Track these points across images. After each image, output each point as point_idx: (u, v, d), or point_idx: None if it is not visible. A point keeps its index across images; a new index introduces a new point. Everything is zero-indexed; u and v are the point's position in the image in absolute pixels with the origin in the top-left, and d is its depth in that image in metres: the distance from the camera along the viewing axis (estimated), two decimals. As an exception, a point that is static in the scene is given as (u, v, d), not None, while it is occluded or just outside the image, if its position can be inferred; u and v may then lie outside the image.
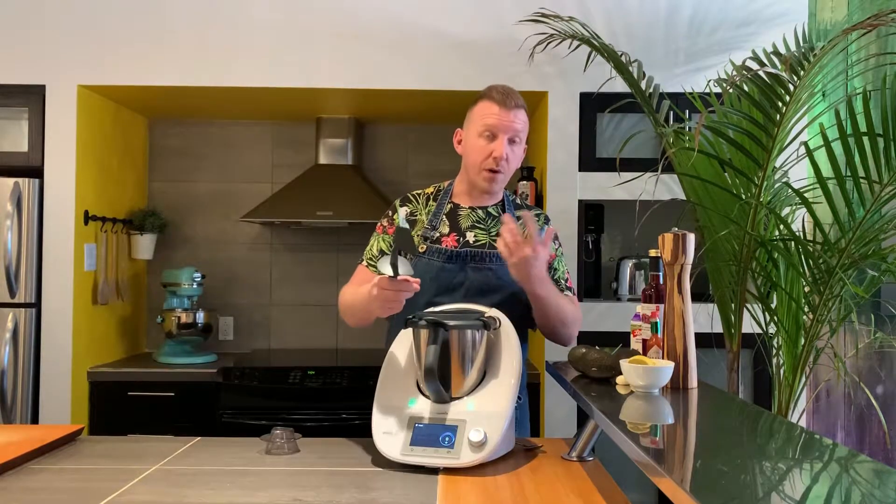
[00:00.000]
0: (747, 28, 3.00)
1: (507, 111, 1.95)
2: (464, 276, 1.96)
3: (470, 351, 1.67)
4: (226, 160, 3.77)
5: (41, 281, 3.01)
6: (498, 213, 2.04)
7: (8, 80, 3.02)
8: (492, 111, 1.95)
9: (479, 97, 2.00)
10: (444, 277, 1.96)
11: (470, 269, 1.96)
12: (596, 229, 3.22)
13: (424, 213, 2.05)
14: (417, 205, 2.08)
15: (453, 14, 3.03)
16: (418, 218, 2.04)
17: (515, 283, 1.90)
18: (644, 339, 1.85)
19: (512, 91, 1.99)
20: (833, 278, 2.23)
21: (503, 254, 1.78)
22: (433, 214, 2.04)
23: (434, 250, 1.98)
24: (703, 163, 2.42)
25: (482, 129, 1.95)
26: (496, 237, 1.96)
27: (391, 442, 1.63)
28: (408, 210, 2.07)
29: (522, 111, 1.98)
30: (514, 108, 1.96)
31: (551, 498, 1.44)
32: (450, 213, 2.04)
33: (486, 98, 1.98)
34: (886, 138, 2.11)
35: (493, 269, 1.97)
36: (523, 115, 1.98)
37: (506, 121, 1.94)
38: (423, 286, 1.86)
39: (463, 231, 2.01)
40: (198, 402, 3.10)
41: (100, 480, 1.52)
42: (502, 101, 1.95)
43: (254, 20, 3.04)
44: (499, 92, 1.97)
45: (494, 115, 1.94)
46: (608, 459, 1.78)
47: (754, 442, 1.37)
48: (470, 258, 1.97)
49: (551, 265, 2.03)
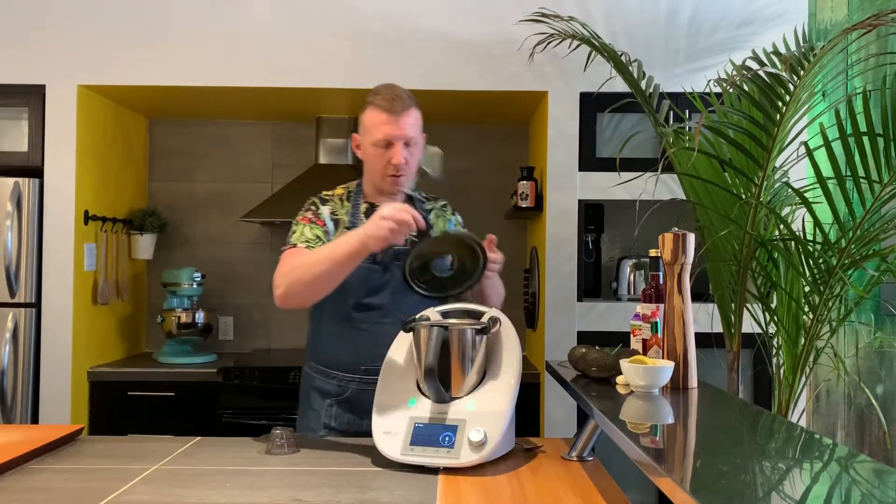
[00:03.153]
0: (747, 28, 3.00)
1: (396, 118, 1.93)
2: (389, 275, 1.98)
3: (470, 351, 1.67)
4: (226, 160, 3.77)
5: (41, 281, 3.01)
6: None
7: (8, 80, 3.02)
8: (381, 120, 1.94)
9: (367, 103, 1.98)
10: (372, 279, 1.97)
11: (395, 268, 1.98)
12: (596, 229, 3.22)
13: (343, 212, 2.05)
14: (335, 205, 2.06)
15: (453, 14, 3.03)
16: (339, 217, 2.03)
17: None
18: (644, 339, 1.85)
19: (398, 93, 1.96)
20: (833, 278, 2.23)
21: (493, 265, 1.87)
22: (352, 215, 2.03)
23: None
24: (703, 163, 2.42)
25: (376, 139, 1.94)
26: (415, 235, 1.92)
27: (391, 442, 1.63)
28: (329, 209, 2.04)
29: (412, 110, 1.96)
30: (403, 113, 1.94)
31: (551, 498, 1.44)
32: (367, 213, 2.03)
33: (373, 106, 1.96)
34: (886, 138, 2.11)
35: None
36: (414, 114, 1.97)
37: (397, 129, 1.93)
38: (350, 288, 1.95)
39: None
40: (198, 402, 3.11)
41: (100, 480, 1.52)
42: (390, 108, 1.93)
43: (254, 20, 3.04)
44: (385, 98, 1.95)
45: (385, 125, 1.93)
46: (608, 459, 1.78)
47: (754, 442, 1.37)
48: (395, 257, 1.98)
49: None
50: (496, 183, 3.70)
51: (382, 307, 1.98)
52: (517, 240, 3.73)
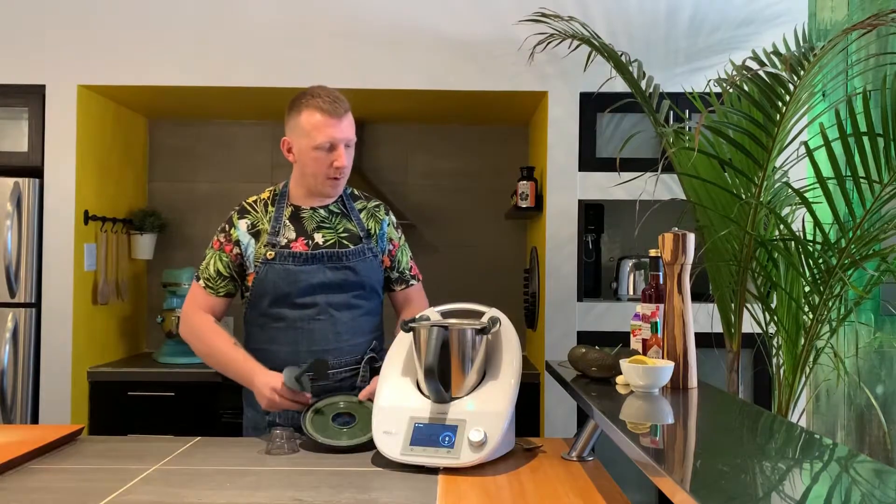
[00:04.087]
0: (747, 28, 3.00)
1: (338, 120, 1.94)
2: (322, 276, 1.99)
3: (470, 351, 1.68)
4: (226, 160, 3.77)
5: (41, 281, 3.01)
6: (340, 210, 2.07)
7: (8, 80, 3.02)
8: (323, 123, 1.93)
9: (304, 106, 1.96)
10: (302, 280, 1.97)
11: (328, 270, 1.99)
12: (596, 229, 3.22)
13: (266, 220, 2.03)
14: (257, 214, 2.04)
15: (453, 14, 3.03)
16: (260, 228, 2.02)
17: (371, 274, 2.04)
18: (644, 339, 1.85)
19: (336, 95, 1.97)
20: (833, 278, 2.23)
21: None
22: (274, 220, 2.02)
23: (286, 255, 1.98)
24: (703, 163, 2.42)
25: (319, 142, 1.93)
26: (344, 235, 2.03)
27: (391, 442, 1.63)
28: (248, 222, 2.03)
29: (349, 113, 1.98)
30: (344, 114, 1.96)
31: (551, 498, 1.44)
32: (292, 217, 2.03)
33: (313, 108, 1.94)
34: (886, 138, 2.11)
35: (349, 267, 2.01)
36: (350, 117, 1.99)
37: (341, 131, 1.95)
38: (280, 291, 1.98)
39: (310, 234, 2.01)
40: (198, 402, 3.10)
41: (100, 480, 1.52)
42: (332, 111, 1.93)
43: (254, 20, 3.04)
44: (325, 100, 1.94)
45: (328, 127, 1.93)
46: (608, 459, 1.78)
47: (754, 442, 1.37)
48: (326, 258, 1.99)
49: (394, 256, 2.13)
50: (496, 183, 3.70)
51: (316, 305, 1.99)
52: (517, 240, 3.73)
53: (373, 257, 2.06)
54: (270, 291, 1.99)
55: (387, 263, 2.12)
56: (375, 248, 2.07)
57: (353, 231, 2.06)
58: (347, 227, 2.05)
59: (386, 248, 2.11)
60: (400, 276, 2.14)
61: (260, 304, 2.02)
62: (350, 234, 2.05)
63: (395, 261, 2.13)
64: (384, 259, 2.11)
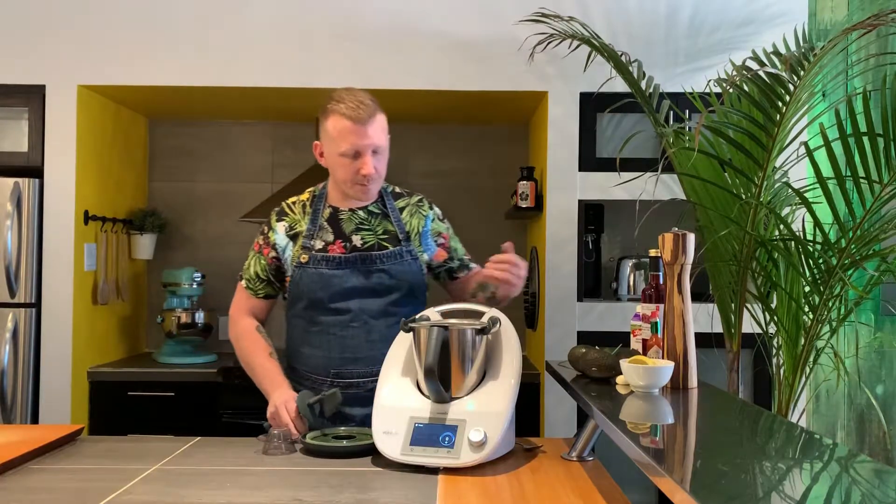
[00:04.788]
0: (747, 28, 3.00)
1: (362, 127, 1.86)
2: (356, 280, 1.95)
3: (470, 351, 1.67)
4: (226, 160, 3.77)
5: (41, 281, 3.01)
6: (380, 210, 2.02)
7: (8, 80, 3.02)
8: (347, 128, 1.87)
9: (330, 111, 1.91)
10: (335, 284, 1.95)
11: (362, 273, 1.95)
12: (596, 229, 3.22)
13: (304, 222, 2.01)
14: (295, 216, 2.03)
15: (453, 14, 3.03)
16: (298, 230, 2.01)
17: (410, 278, 1.98)
18: (644, 339, 1.85)
19: (362, 99, 1.89)
20: (833, 278, 2.23)
21: (506, 280, 1.86)
22: (311, 222, 2.00)
23: (320, 258, 1.96)
24: (703, 163, 2.42)
25: (343, 149, 1.88)
26: (384, 236, 1.99)
27: (391, 442, 1.63)
28: (285, 225, 2.02)
29: (377, 117, 1.90)
30: (369, 120, 1.87)
31: (551, 498, 1.44)
32: (330, 219, 2.00)
33: (337, 113, 1.88)
34: (886, 138, 2.11)
35: (385, 270, 1.96)
36: (379, 120, 1.91)
37: (365, 138, 1.87)
38: (315, 296, 1.96)
39: (348, 236, 1.98)
40: (198, 402, 3.10)
41: (100, 480, 1.52)
42: (355, 117, 1.86)
43: (254, 20, 3.04)
44: (349, 106, 1.87)
45: (352, 135, 1.86)
46: (608, 459, 1.78)
47: (754, 442, 1.37)
48: (360, 262, 1.95)
49: (448, 247, 2.08)
50: (496, 183, 3.70)
51: (350, 311, 1.95)
52: (517, 240, 3.73)
53: (412, 259, 2.00)
54: (305, 295, 1.98)
55: (444, 256, 2.06)
56: (416, 250, 2.01)
57: (393, 232, 2.00)
58: (387, 229, 2.00)
59: (434, 244, 2.05)
60: (460, 262, 2.08)
61: (296, 307, 2.02)
62: (390, 236, 2.00)
63: (451, 250, 2.07)
64: (439, 252, 2.05)
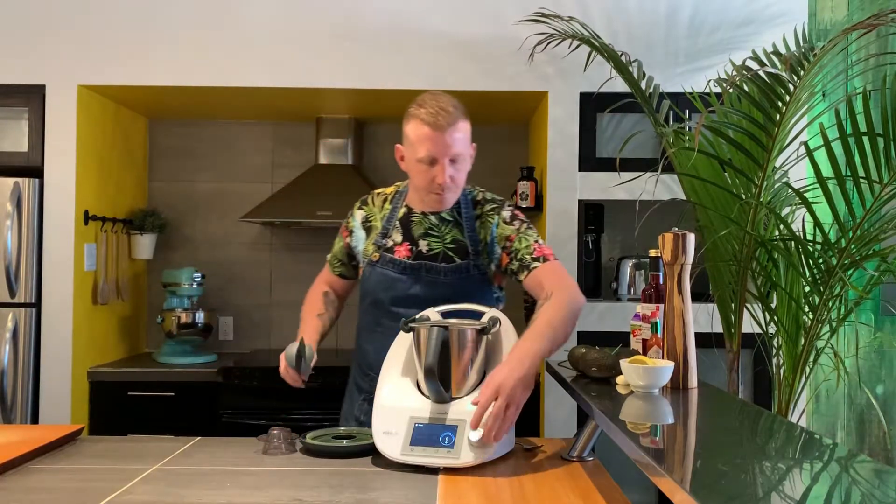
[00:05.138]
0: (747, 28, 3.00)
1: (440, 134, 1.81)
2: (418, 289, 1.93)
3: (470, 351, 1.67)
4: (226, 160, 3.77)
5: (41, 281, 3.01)
6: (454, 218, 1.96)
7: (8, 80, 3.02)
8: (425, 135, 1.83)
9: (411, 115, 1.87)
10: (398, 288, 1.94)
11: (425, 283, 1.93)
12: (596, 229, 3.22)
13: (379, 217, 2.01)
14: (373, 208, 2.04)
15: (453, 14, 3.03)
16: (373, 224, 2.01)
17: (472, 293, 1.91)
18: (644, 339, 1.85)
19: (444, 105, 1.83)
20: (833, 278, 2.23)
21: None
22: (386, 220, 2.00)
23: (388, 260, 1.95)
24: (703, 163, 2.42)
25: (420, 155, 1.85)
26: (450, 245, 1.94)
27: (391, 442, 1.63)
28: (363, 214, 2.04)
29: (459, 123, 1.84)
30: (448, 128, 1.82)
31: (551, 498, 1.44)
32: (403, 220, 1.98)
33: (417, 119, 1.85)
34: (886, 138, 2.11)
35: (447, 283, 1.92)
36: (461, 128, 1.85)
37: (442, 145, 1.82)
38: (378, 296, 1.98)
39: (416, 240, 1.95)
40: (198, 402, 3.10)
41: (100, 480, 1.52)
42: (434, 123, 1.81)
43: (254, 20, 3.04)
44: (429, 112, 1.82)
45: (429, 141, 1.82)
46: (608, 459, 1.78)
47: (754, 442, 1.37)
48: (424, 271, 1.93)
49: (511, 250, 1.92)
50: (496, 183, 3.69)
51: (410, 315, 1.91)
52: (517, 240, 3.73)
53: (479, 274, 1.94)
54: (370, 294, 1.99)
55: (506, 260, 1.94)
56: (484, 264, 1.94)
57: (462, 243, 1.94)
58: (456, 238, 1.94)
59: (500, 249, 1.94)
60: (520, 264, 1.90)
61: (364, 302, 2.04)
62: (457, 246, 1.94)
63: (512, 252, 1.92)
64: (503, 256, 1.94)
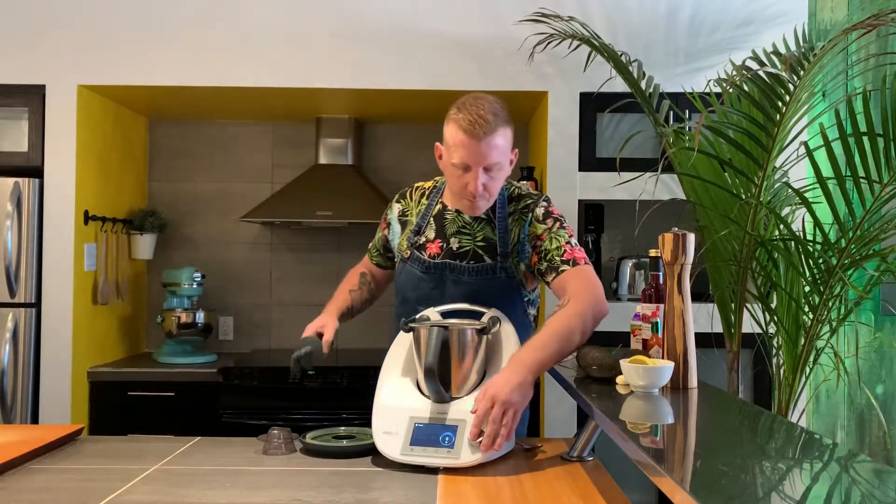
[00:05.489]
0: (747, 28, 3.00)
1: (476, 143, 1.76)
2: (442, 289, 1.92)
3: (470, 351, 1.67)
4: (226, 160, 3.77)
5: (41, 281, 3.01)
6: (487, 216, 1.91)
7: (8, 80, 3.02)
8: (461, 141, 1.78)
9: (450, 118, 1.83)
10: (422, 287, 1.93)
11: (449, 283, 1.91)
12: (596, 229, 3.22)
13: (416, 212, 2.01)
14: (410, 202, 2.04)
15: (453, 14, 3.03)
16: (408, 218, 2.02)
17: (497, 295, 1.88)
18: (644, 339, 1.85)
19: (482, 113, 1.77)
20: (833, 278, 2.23)
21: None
22: (421, 216, 1.99)
23: (415, 258, 1.95)
24: (703, 163, 2.42)
25: (454, 160, 1.81)
26: (481, 244, 1.90)
27: (391, 442, 1.63)
28: (399, 208, 2.05)
29: (498, 133, 1.78)
30: (485, 137, 1.76)
31: (551, 498, 1.44)
32: (437, 216, 1.97)
33: (455, 123, 1.80)
34: (886, 138, 2.11)
35: (470, 283, 1.89)
36: (500, 135, 1.79)
37: (476, 154, 1.78)
38: (405, 294, 1.97)
39: (448, 237, 1.93)
40: (198, 402, 3.10)
41: (100, 480, 1.52)
42: (471, 131, 1.76)
43: (254, 20, 3.04)
44: (467, 119, 1.77)
45: (463, 148, 1.78)
46: (608, 459, 1.78)
47: (754, 442, 1.37)
48: (448, 270, 1.91)
49: (540, 249, 1.87)
50: (496, 183, 3.70)
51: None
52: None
53: (505, 277, 1.89)
54: (400, 291, 1.99)
55: (535, 260, 1.88)
56: (512, 266, 1.89)
57: (492, 241, 1.89)
58: (487, 236, 1.90)
59: (530, 248, 1.89)
60: (549, 265, 1.84)
61: (397, 298, 2.04)
62: (487, 245, 1.90)
63: (542, 251, 1.86)
64: (532, 256, 1.88)
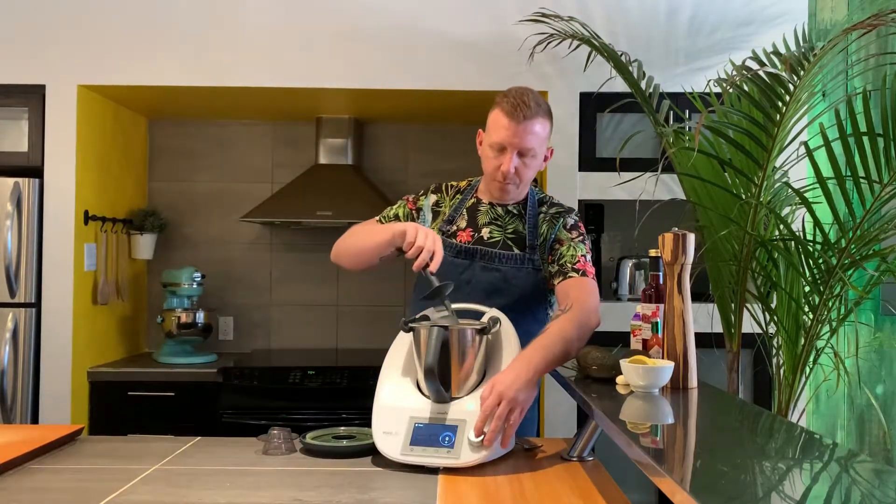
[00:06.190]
0: (747, 28, 3.00)
1: (516, 125, 1.86)
2: (471, 273, 1.94)
3: (470, 351, 1.67)
4: (226, 160, 3.77)
5: (41, 281, 3.01)
6: (518, 212, 1.99)
7: (8, 80, 3.02)
8: (502, 124, 1.88)
9: (496, 102, 1.92)
10: (452, 272, 1.92)
11: (478, 268, 1.95)
12: (596, 229, 3.22)
13: (449, 205, 2.05)
14: (445, 196, 2.07)
15: (453, 14, 3.03)
16: (442, 210, 2.04)
17: (524, 285, 1.93)
18: (644, 339, 1.85)
19: (525, 99, 1.87)
20: (833, 278, 2.23)
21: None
22: (455, 209, 2.03)
23: (446, 244, 1.95)
24: (703, 163, 2.42)
25: (492, 140, 1.90)
26: (511, 236, 1.97)
27: (391, 442, 1.62)
28: (435, 199, 2.07)
29: (537, 120, 1.87)
30: (526, 121, 1.85)
31: (551, 498, 1.44)
32: (470, 208, 2.03)
33: (499, 107, 1.90)
34: (886, 138, 2.11)
35: (500, 271, 1.94)
36: (539, 124, 1.88)
37: (515, 136, 1.86)
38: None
39: (479, 227, 1.99)
40: (198, 402, 3.10)
41: (100, 480, 1.52)
42: (512, 114, 1.86)
43: (254, 20, 3.04)
44: (511, 103, 1.87)
45: (503, 129, 1.87)
46: (608, 459, 1.78)
47: (754, 442, 1.37)
48: (479, 256, 1.95)
49: (556, 251, 1.93)
50: (496, 183, 3.70)
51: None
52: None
53: (533, 270, 1.94)
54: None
55: (549, 260, 1.95)
56: (539, 260, 1.95)
57: (522, 234, 1.96)
58: (517, 229, 1.97)
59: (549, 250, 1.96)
60: (559, 268, 1.91)
61: (417, 290, 2.05)
62: (517, 237, 1.96)
63: (557, 254, 1.93)
64: (549, 256, 1.95)
